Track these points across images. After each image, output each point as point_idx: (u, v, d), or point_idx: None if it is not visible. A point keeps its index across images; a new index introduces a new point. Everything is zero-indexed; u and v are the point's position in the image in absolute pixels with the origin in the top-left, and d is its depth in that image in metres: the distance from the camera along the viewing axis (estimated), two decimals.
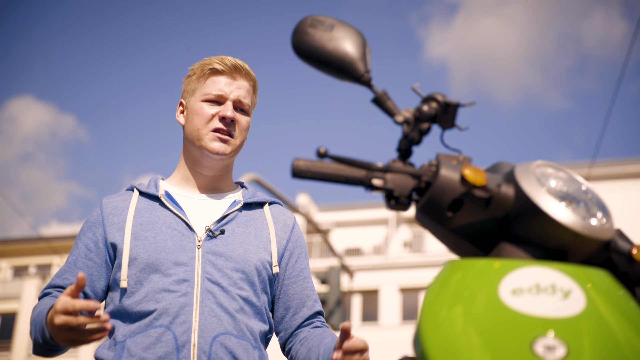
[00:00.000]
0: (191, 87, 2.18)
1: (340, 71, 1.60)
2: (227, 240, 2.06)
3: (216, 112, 2.12)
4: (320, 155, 1.46)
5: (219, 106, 2.13)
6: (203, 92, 2.14)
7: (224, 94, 2.13)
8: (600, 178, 29.69)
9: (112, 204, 2.13)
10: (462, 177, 1.43)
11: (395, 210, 1.55)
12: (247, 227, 2.12)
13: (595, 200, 1.45)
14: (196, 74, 2.17)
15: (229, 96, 2.13)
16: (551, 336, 1.19)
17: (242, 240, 2.08)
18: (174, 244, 2.02)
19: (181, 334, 1.93)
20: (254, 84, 2.20)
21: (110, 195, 2.18)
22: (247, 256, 2.05)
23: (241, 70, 2.15)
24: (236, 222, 2.11)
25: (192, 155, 2.15)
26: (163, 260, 1.99)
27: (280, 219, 2.20)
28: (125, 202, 2.12)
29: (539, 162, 1.47)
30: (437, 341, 1.23)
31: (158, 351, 1.91)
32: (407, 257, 32.11)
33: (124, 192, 2.18)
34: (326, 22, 1.63)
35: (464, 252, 1.51)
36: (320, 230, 17.10)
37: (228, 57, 2.17)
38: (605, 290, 1.30)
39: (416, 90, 1.62)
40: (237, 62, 2.16)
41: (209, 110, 2.12)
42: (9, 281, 34.98)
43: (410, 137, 1.57)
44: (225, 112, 2.11)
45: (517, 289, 1.26)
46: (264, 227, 2.15)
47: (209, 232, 2.06)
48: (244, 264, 2.04)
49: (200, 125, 2.12)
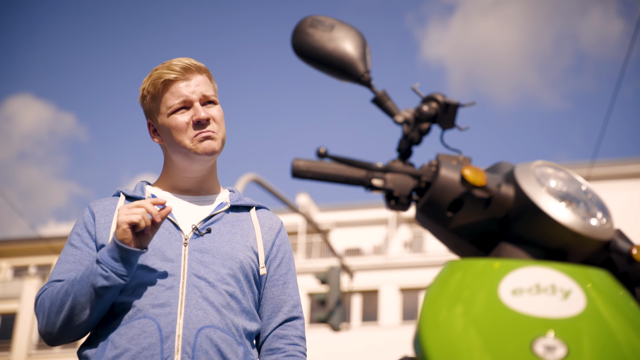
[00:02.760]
0: (152, 107, 2.15)
1: (340, 71, 1.60)
2: (214, 238, 2.08)
3: (189, 117, 2.10)
4: (320, 155, 1.46)
5: (188, 111, 2.11)
6: (167, 106, 2.11)
7: (186, 98, 2.10)
8: (600, 178, 29.68)
9: (99, 205, 2.15)
10: (462, 177, 1.43)
11: (395, 211, 1.55)
12: (233, 227, 2.14)
13: (595, 200, 1.46)
14: (150, 92, 2.14)
15: (193, 97, 2.11)
16: (551, 336, 1.19)
17: (229, 238, 2.10)
18: (160, 240, 2.03)
19: (166, 325, 1.94)
20: (207, 73, 2.17)
21: (97, 199, 2.19)
22: (233, 253, 2.07)
23: (190, 68, 2.13)
24: (222, 222, 2.13)
25: (181, 166, 2.15)
26: (149, 256, 2.01)
27: (266, 223, 2.22)
28: (112, 205, 2.14)
29: (539, 162, 1.47)
30: (437, 341, 1.23)
31: (142, 342, 1.92)
32: (407, 257, 32.10)
33: (110, 197, 2.19)
34: (326, 22, 1.63)
35: (464, 252, 1.51)
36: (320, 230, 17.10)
37: (173, 62, 2.13)
38: (605, 290, 1.30)
39: (416, 90, 1.62)
40: (183, 61, 2.13)
41: (182, 119, 2.10)
42: (9, 281, 34.98)
43: (410, 137, 1.57)
44: (198, 114, 2.09)
45: (517, 289, 1.26)
46: (250, 229, 2.17)
47: (196, 231, 2.07)
48: (231, 260, 2.06)
49: (181, 137, 2.10)
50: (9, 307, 33.96)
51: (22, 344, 32.80)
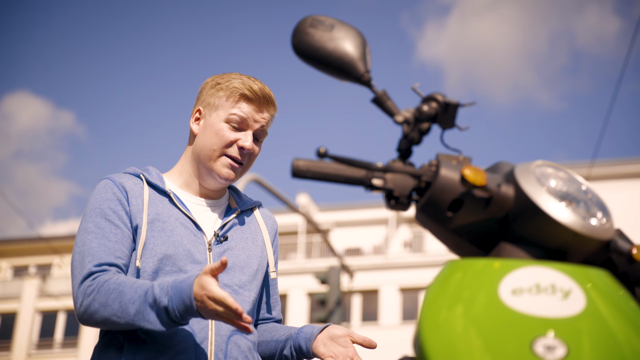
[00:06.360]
0: (215, 102, 2.11)
1: (340, 71, 1.60)
2: (231, 245, 2.11)
3: (236, 138, 2.08)
4: (320, 155, 1.46)
5: (238, 132, 2.09)
6: (228, 113, 2.09)
7: (249, 122, 2.09)
8: (600, 178, 29.68)
9: (127, 183, 2.06)
10: (462, 177, 1.43)
11: (395, 210, 1.55)
12: (244, 233, 2.16)
13: (595, 200, 1.45)
14: (224, 91, 2.11)
15: (253, 126, 2.10)
16: (551, 336, 1.19)
17: (243, 245, 2.13)
18: (188, 241, 2.03)
19: (199, 330, 1.96)
20: (274, 114, 2.17)
21: (116, 174, 2.09)
22: (249, 261, 2.11)
23: (269, 101, 2.12)
24: (235, 228, 2.15)
25: (198, 170, 2.13)
26: (180, 255, 1.99)
27: (268, 223, 2.27)
28: (137, 186, 2.07)
29: (539, 162, 1.47)
30: (437, 341, 1.23)
31: (177, 346, 1.92)
32: (407, 257, 32.10)
33: (128, 175, 2.10)
34: (326, 22, 1.63)
35: (464, 252, 1.51)
36: (320, 230, 17.10)
37: (258, 84, 2.12)
38: (605, 290, 1.30)
39: (416, 90, 1.62)
40: (267, 91, 2.12)
41: (229, 134, 2.08)
42: (9, 281, 34.97)
43: (410, 137, 1.57)
44: (245, 142, 2.08)
45: (517, 289, 1.26)
46: (257, 232, 2.20)
47: (217, 237, 2.09)
48: (249, 268, 2.10)
49: (217, 147, 2.08)
50: (9, 307, 33.95)
51: (22, 343, 32.79)
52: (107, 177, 2.07)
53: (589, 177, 23.09)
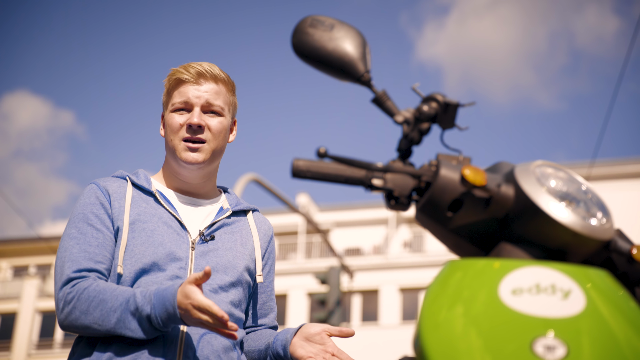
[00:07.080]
0: (164, 101, 2.19)
1: (340, 71, 1.60)
2: (217, 246, 2.10)
3: (185, 120, 2.11)
4: (320, 155, 1.46)
5: (188, 113, 2.12)
6: (171, 102, 2.14)
7: (188, 100, 2.11)
8: (600, 178, 29.68)
9: (111, 186, 2.11)
10: (462, 177, 1.43)
11: (395, 210, 1.55)
12: (233, 234, 2.16)
13: (595, 200, 1.45)
14: (165, 87, 2.18)
15: (197, 102, 2.11)
16: (551, 336, 1.19)
17: (230, 246, 2.13)
18: (170, 240, 2.04)
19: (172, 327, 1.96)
20: (225, 85, 2.16)
21: (101, 178, 2.14)
22: (235, 262, 2.11)
23: (205, 74, 2.13)
24: (224, 229, 2.15)
25: (172, 166, 2.16)
26: (160, 254, 2.01)
27: (262, 228, 2.27)
28: (121, 188, 2.11)
29: (539, 162, 1.47)
30: (437, 341, 1.23)
31: (147, 341, 1.93)
32: (407, 257, 32.10)
33: (114, 178, 2.15)
34: (326, 22, 1.63)
35: (464, 252, 1.51)
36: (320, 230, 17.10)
37: (193, 64, 2.14)
38: (605, 290, 1.30)
39: (416, 90, 1.62)
40: (202, 66, 2.13)
41: (178, 119, 2.12)
42: (9, 281, 34.98)
43: (410, 137, 1.57)
44: (192, 119, 2.10)
45: (517, 289, 1.26)
46: (248, 235, 2.20)
47: (202, 236, 2.09)
48: (233, 270, 2.09)
49: (173, 136, 2.12)
50: (9, 307, 33.96)
51: (22, 343, 32.80)
52: (92, 182, 2.13)
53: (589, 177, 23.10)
